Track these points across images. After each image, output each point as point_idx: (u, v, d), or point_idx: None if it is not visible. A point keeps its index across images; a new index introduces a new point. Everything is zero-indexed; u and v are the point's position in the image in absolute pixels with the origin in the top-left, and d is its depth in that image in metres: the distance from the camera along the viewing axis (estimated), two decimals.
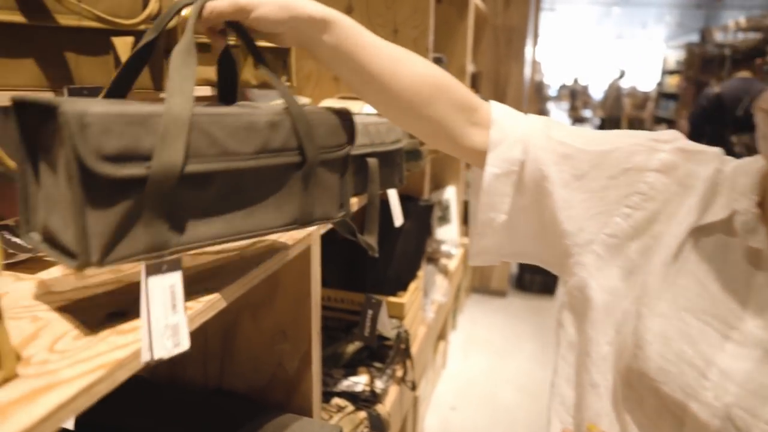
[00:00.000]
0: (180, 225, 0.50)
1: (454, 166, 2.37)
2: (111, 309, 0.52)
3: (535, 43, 3.73)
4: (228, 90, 0.65)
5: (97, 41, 0.66)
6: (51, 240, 0.48)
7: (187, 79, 0.51)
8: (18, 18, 0.60)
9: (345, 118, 0.65)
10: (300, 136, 0.59)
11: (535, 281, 3.46)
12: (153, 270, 0.48)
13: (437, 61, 1.67)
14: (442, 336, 2.44)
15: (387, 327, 0.96)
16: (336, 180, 0.65)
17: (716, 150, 0.67)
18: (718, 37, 6.59)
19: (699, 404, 0.58)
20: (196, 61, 0.52)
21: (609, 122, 10.22)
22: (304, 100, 1.22)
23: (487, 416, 2.20)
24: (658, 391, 0.62)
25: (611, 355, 0.68)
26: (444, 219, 2.32)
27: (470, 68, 2.88)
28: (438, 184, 2.37)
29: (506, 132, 0.70)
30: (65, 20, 0.63)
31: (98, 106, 0.43)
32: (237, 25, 0.61)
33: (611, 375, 0.68)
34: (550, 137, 0.71)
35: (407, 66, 0.67)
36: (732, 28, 6.41)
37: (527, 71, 3.19)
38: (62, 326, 0.49)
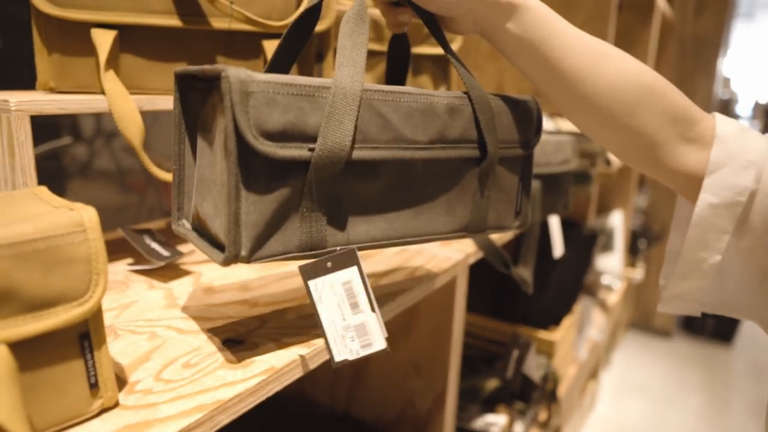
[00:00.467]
0: (340, 221, 0.43)
1: (623, 189, 2.14)
2: (229, 335, 0.48)
3: (725, 54, 3.29)
4: (398, 76, 0.58)
5: (248, 45, 0.63)
6: (201, 229, 0.44)
7: (359, 48, 0.43)
8: (175, 22, 0.58)
9: (531, 107, 0.55)
10: (481, 126, 0.49)
11: (707, 324, 3.03)
12: (314, 271, 0.42)
13: None
14: (593, 374, 2.21)
15: (534, 371, 0.84)
16: (515, 182, 0.54)
17: None
18: None
19: None
20: (368, 31, 0.45)
21: None
22: None
23: None
24: None
25: None
26: (607, 247, 2.10)
27: None
28: (603, 208, 2.16)
29: (733, 153, 0.54)
30: (218, 23, 0.60)
31: (264, 75, 0.38)
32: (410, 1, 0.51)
33: None
34: None
35: (611, 64, 0.54)
36: None
37: (718, 87, 2.81)
38: (176, 349, 0.45)
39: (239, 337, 0.47)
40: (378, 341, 0.42)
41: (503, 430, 1.21)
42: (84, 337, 0.35)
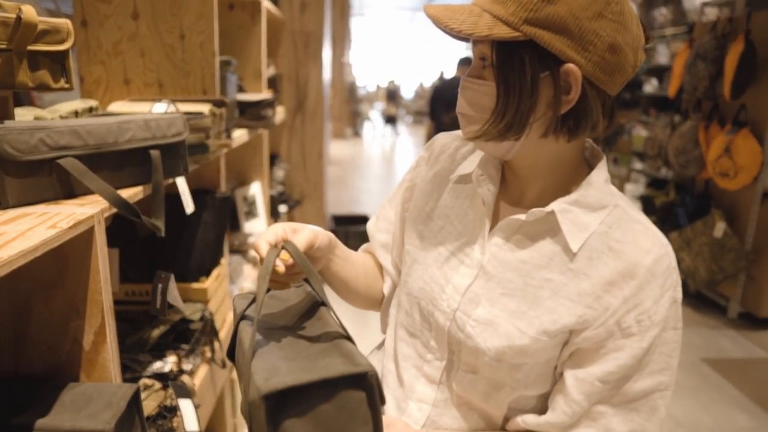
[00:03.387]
0: None
1: (258, 162, 2.51)
2: None
3: (344, 47, 3.99)
4: None
5: None
6: None
7: None
8: None
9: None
10: None
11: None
12: None
13: (226, 64, 1.80)
14: None
15: (178, 300, 1.08)
16: None
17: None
18: None
19: (438, 312, 0.83)
20: None
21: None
22: (91, 102, 1.28)
23: None
24: (419, 306, 0.86)
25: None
26: (251, 214, 2.45)
27: (270, 71, 3.04)
28: (243, 181, 2.50)
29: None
30: None
31: None
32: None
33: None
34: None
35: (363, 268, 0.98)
36: None
37: (326, 73, 3.42)
38: None
39: None
40: None
41: (173, 369, 1.43)
42: None
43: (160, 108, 1.37)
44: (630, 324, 0.71)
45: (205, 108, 1.43)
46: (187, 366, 1.45)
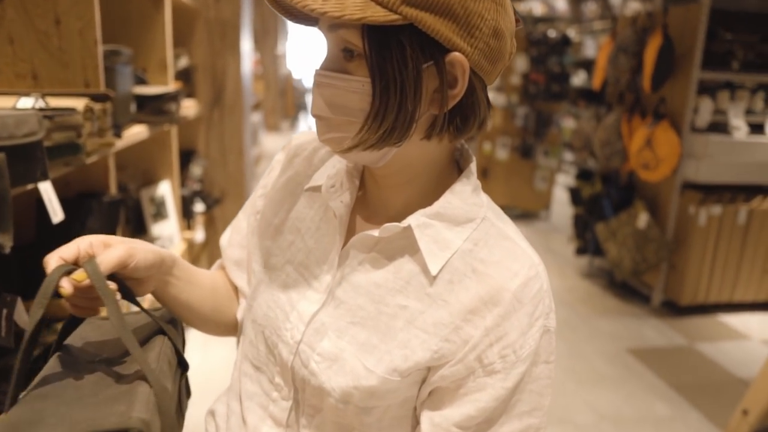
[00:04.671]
0: None
1: (166, 160, 2.34)
2: None
3: (278, 38, 3.81)
4: None
5: None
6: None
7: None
8: None
9: None
10: None
11: None
12: None
13: (115, 53, 1.64)
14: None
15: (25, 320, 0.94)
16: None
17: None
18: None
19: (282, 343, 0.70)
20: None
21: None
22: None
23: None
24: (264, 335, 0.72)
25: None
26: (160, 215, 2.28)
27: (183, 62, 2.85)
28: (150, 180, 2.32)
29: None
30: None
31: None
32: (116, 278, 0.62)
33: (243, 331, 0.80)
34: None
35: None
36: None
37: (246, 65, 3.26)
38: None
39: None
40: None
41: None
42: None
43: (27, 103, 1.20)
44: (493, 360, 0.60)
45: (79, 103, 1.27)
46: None
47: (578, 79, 6.53)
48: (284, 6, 0.60)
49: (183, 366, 0.71)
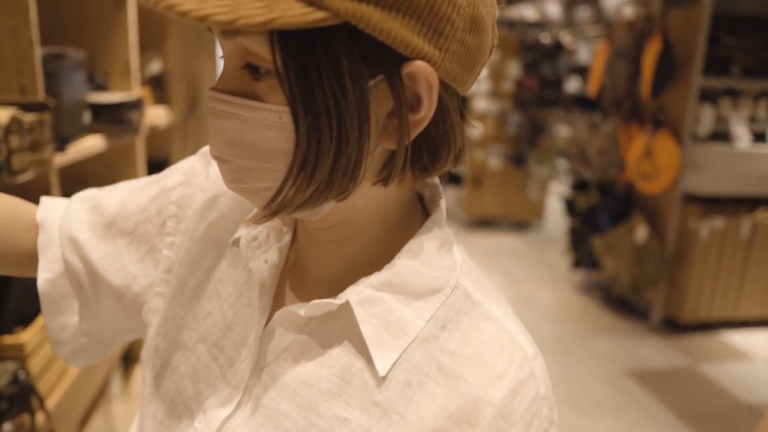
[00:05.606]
0: None
1: (130, 173, 2.16)
2: None
3: None
4: None
5: None
6: None
7: None
8: None
9: None
10: None
11: None
12: None
13: (58, 57, 1.46)
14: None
15: None
16: None
17: None
18: None
19: None
20: None
21: None
22: None
23: None
24: (172, 415, 0.54)
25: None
26: None
27: (155, 67, 2.68)
28: None
29: (54, 232, 0.60)
30: None
31: None
32: None
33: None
34: (84, 198, 0.61)
35: None
36: None
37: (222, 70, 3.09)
38: None
39: None
40: None
41: None
42: None
43: None
44: None
45: (2, 114, 1.09)
46: None
47: (572, 85, 6.41)
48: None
49: None
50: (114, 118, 1.80)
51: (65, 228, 0.60)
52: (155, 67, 2.72)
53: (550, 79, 5.24)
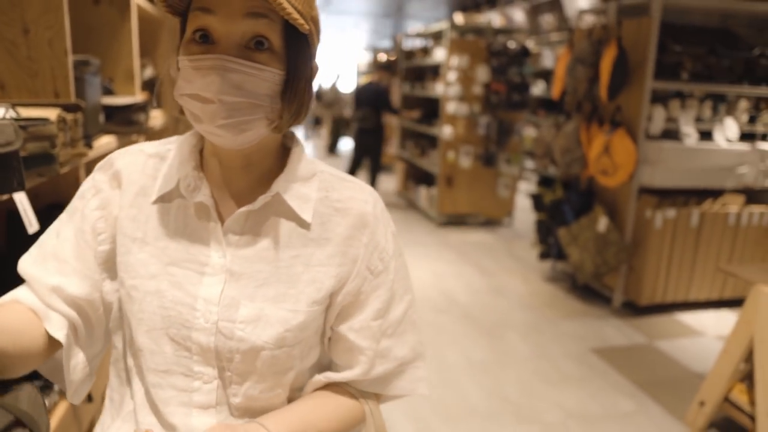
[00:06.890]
0: None
1: None
2: None
3: None
4: None
5: None
6: None
7: None
8: None
9: None
10: None
11: None
12: None
13: (84, 63, 1.63)
14: None
15: None
16: None
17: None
18: (406, 42, 7.56)
19: (197, 331, 0.75)
20: None
21: (336, 122, 10.94)
22: None
23: None
24: (168, 336, 0.76)
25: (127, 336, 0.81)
26: None
27: (148, 72, 2.83)
28: None
29: (42, 302, 0.77)
30: None
31: None
32: None
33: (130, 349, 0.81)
34: (35, 263, 0.82)
35: None
36: (411, 34, 7.41)
37: None
38: None
39: None
40: None
41: None
42: None
43: None
44: (376, 264, 0.81)
45: (51, 113, 1.27)
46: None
47: (537, 88, 6.70)
48: None
49: None
50: (124, 119, 1.97)
51: (43, 291, 0.75)
52: (148, 72, 2.87)
53: (516, 83, 5.51)
